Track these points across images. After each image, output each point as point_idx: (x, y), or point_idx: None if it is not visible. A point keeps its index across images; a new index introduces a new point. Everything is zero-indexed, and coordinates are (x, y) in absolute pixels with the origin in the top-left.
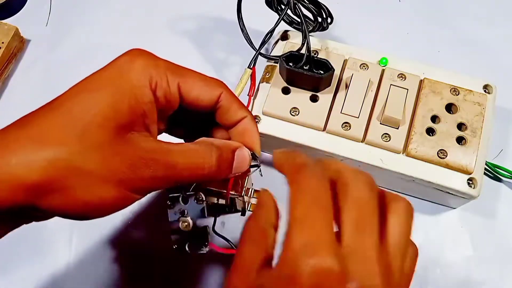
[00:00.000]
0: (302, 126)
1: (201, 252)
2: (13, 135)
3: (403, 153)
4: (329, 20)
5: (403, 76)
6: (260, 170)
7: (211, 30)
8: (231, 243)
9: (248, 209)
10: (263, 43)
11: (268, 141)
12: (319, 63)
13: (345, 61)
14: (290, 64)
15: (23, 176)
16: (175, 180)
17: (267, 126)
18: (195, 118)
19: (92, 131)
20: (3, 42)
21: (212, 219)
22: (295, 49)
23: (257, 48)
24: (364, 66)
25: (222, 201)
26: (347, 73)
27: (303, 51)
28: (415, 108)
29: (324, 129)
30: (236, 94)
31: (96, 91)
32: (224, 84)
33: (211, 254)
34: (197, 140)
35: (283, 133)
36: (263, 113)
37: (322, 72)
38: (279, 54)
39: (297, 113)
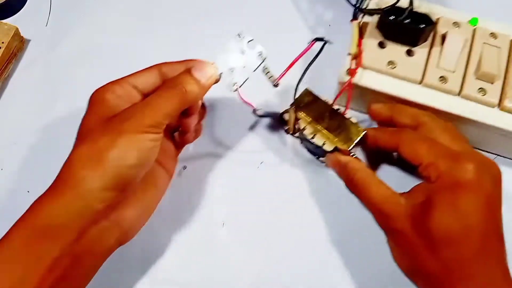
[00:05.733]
0: (399, 79)
1: None
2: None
3: (498, 107)
4: None
5: (494, 36)
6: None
7: None
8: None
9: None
10: None
11: (365, 94)
12: (420, 16)
13: (437, 19)
14: (391, 17)
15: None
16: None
17: (365, 79)
18: None
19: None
20: (3, 42)
21: None
22: (386, 6)
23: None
24: (456, 24)
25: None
26: (440, 30)
27: (399, 5)
28: (508, 66)
29: (420, 82)
30: (352, 51)
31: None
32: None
33: None
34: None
35: (380, 86)
36: (361, 66)
37: (424, 25)
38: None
39: (394, 67)
